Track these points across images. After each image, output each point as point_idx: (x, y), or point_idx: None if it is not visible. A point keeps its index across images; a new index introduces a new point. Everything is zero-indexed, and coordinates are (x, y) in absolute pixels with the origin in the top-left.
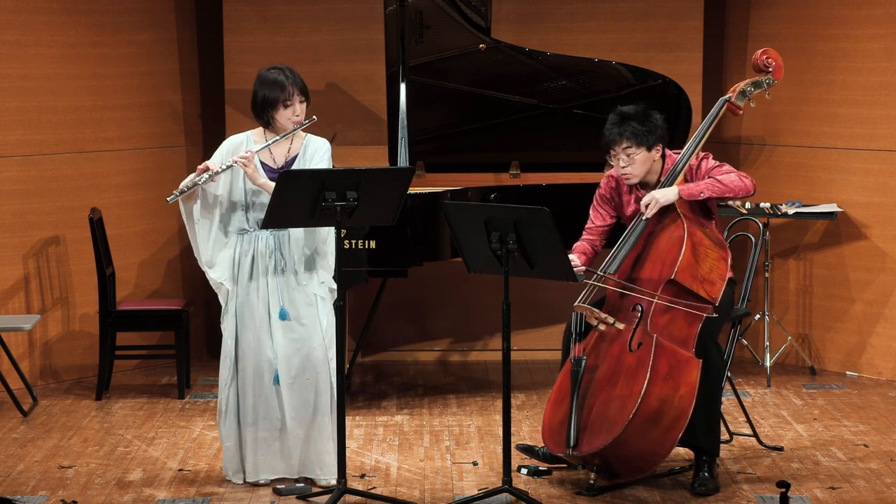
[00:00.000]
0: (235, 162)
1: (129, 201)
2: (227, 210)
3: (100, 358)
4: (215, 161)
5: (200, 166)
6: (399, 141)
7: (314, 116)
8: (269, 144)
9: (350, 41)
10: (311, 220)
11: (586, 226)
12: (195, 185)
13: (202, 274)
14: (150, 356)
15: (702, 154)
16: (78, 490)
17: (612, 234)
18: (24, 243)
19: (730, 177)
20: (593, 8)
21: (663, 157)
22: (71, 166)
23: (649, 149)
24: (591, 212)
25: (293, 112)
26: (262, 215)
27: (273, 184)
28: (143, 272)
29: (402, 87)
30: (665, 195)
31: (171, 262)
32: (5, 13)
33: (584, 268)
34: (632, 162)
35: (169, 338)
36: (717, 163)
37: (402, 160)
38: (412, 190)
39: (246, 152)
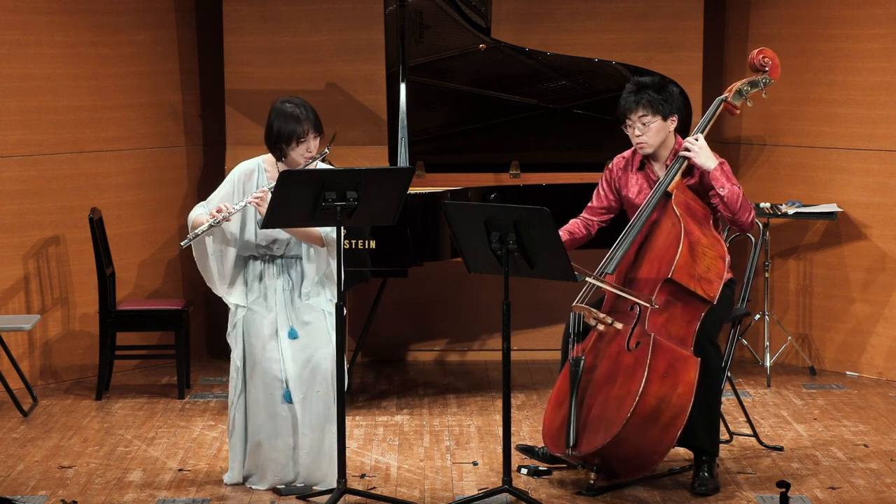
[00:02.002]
0: (250, 203)
1: (129, 201)
2: (241, 246)
3: (100, 358)
4: (225, 188)
5: (213, 210)
6: (399, 141)
7: (327, 150)
8: None
9: (350, 41)
10: (311, 220)
11: (587, 205)
12: (210, 227)
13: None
14: (150, 356)
15: (720, 159)
16: (78, 490)
17: (610, 228)
18: (24, 243)
19: (746, 207)
20: (593, 8)
21: (677, 131)
22: (71, 166)
23: (665, 118)
24: (594, 192)
25: (306, 148)
26: (273, 251)
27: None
28: (143, 272)
29: (402, 87)
30: (705, 157)
31: (171, 262)
32: (5, 13)
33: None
34: (647, 130)
35: (169, 338)
36: (733, 178)
37: (402, 160)
38: (412, 190)
39: (260, 192)
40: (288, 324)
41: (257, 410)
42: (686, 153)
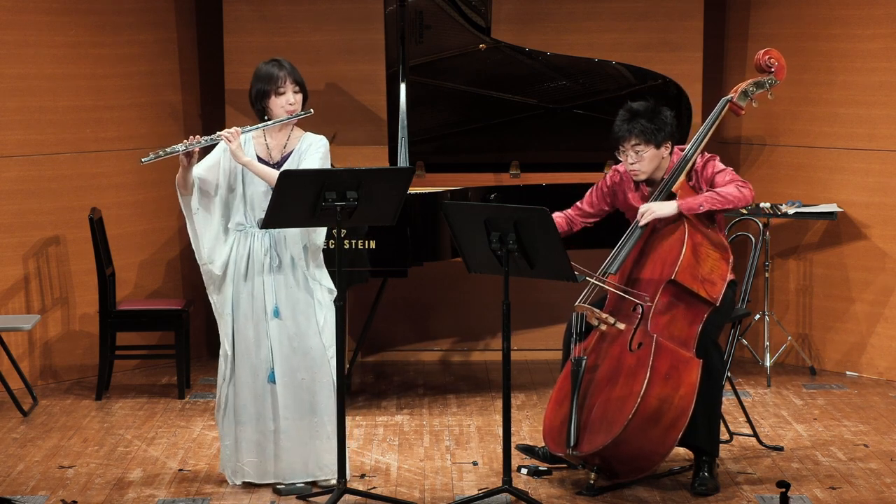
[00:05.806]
0: (221, 136)
1: (129, 201)
2: (226, 202)
3: (100, 358)
4: (216, 152)
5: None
6: (399, 141)
7: (311, 109)
8: (259, 127)
9: (350, 41)
10: (311, 220)
11: (576, 203)
12: (175, 151)
13: (202, 274)
14: (150, 356)
15: (707, 155)
16: (78, 490)
17: (612, 228)
18: (24, 243)
19: (728, 189)
20: (593, 8)
21: (678, 141)
22: (71, 166)
23: (658, 146)
24: (586, 194)
25: (286, 100)
26: (261, 213)
27: (258, 164)
28: (143, 272)
29: (402, 87)
30: (662, 209)
31: (171, 262)
32: (5, 13)
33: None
34: (640, 159)
35: (169, 338)
36: (722, 166)
37: (402, 160)
38: (412, 190)
39: (233, 129)
40: (273, 302)
41: (242, 392)
42: (646, 221)
